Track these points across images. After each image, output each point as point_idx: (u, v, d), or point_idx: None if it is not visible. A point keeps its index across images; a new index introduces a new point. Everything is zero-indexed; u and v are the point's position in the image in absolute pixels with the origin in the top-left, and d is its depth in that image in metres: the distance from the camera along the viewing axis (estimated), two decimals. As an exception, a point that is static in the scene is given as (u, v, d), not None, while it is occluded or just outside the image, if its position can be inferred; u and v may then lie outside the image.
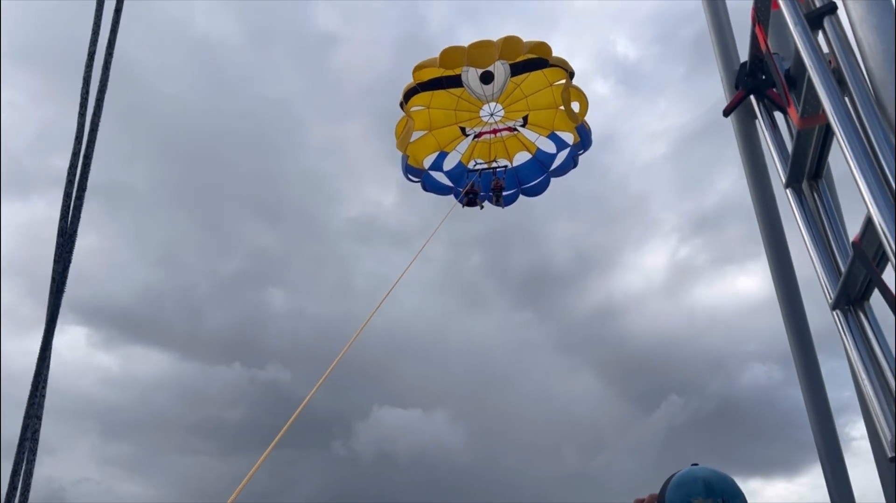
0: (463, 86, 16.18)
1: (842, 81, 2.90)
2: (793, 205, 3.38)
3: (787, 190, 3.41)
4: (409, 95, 16.03)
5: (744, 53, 3.57)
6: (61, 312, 3.11)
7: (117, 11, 3.73)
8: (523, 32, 15.12)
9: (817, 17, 2.78)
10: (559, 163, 17.28)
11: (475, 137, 17.26)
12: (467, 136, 17.22)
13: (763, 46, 3.29)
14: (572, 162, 17.26)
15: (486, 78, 16.31)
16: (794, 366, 4.16)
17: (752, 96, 3.54)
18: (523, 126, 17.21)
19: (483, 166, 17.52)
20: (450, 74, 15.81)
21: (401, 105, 16.20)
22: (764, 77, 3.42)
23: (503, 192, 17.33)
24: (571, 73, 15.65)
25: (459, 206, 16.75)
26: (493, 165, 17.49)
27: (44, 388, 2.94)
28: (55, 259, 3.27)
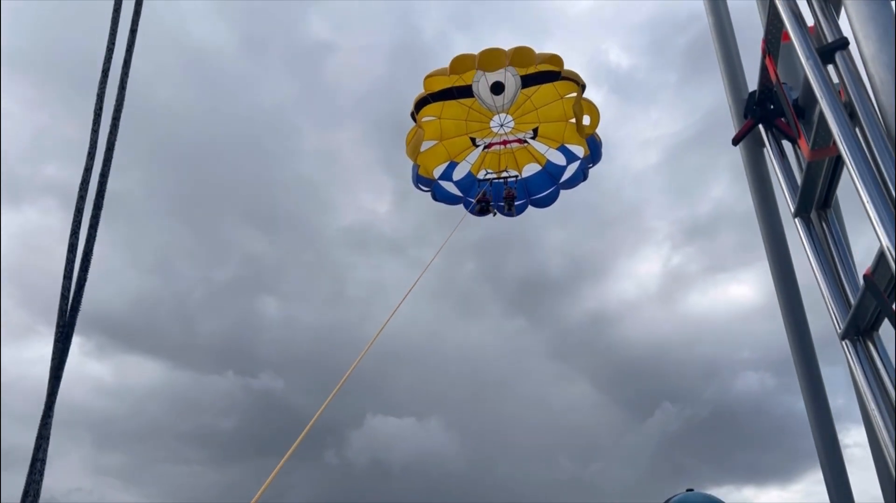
0: (474, 96, 16.23)
1: (853, 115, 2.91)
2: (801, 234, 3.39)
3: (796, 219, 3.41)
4: (420, 105, 16.08)
5: (752, 82, 3.58)
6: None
7: (132, 32, 3.77)
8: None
9: (829, 52, 2.78)
10: (569, 175, 17.26)
11: (485, 148, 17.29)
12: (477, 146, 17.25)
13: (773, 77, 3.29)
14: (582, 174, 17.24)
15: (497, 88, 16.35)
16: (797, 379, 4.17)
17: (761, 125, 3.54)
18: (533, 138, 17.22)
19: (493, 176, 17.56)
20: (461, 85, 15.86)
21: (412, 115, 16.24)
22: (773, 107, 3.43)
23: (515, 201, 17.40)
24: (583, 87, 15.65)
25: (470, 216, 16.78)
26: (504, 175, 17.53)
27: (53, 408, 2.97)
28: (65, 276, 3.26)
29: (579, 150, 16.88)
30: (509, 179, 17.53)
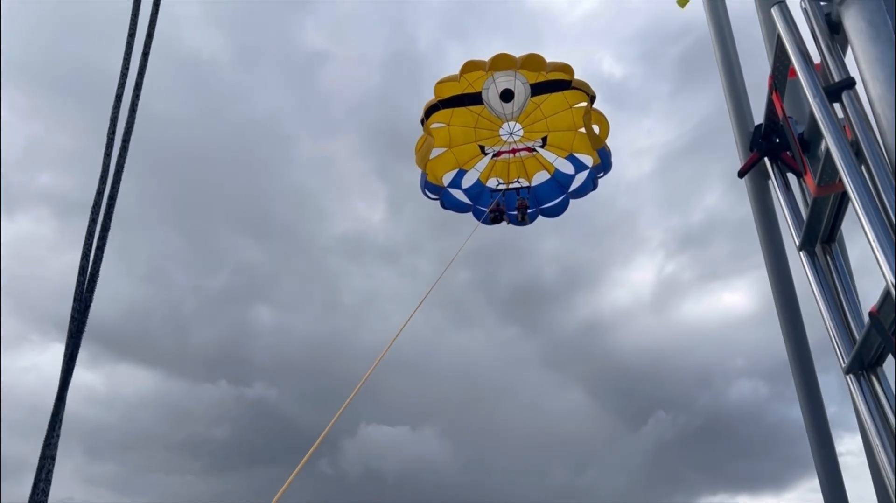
0: (483, 103, 16.24)
1: (858, 153, 2.92)
2: (806, 267, 3.39)
3: (801, 252, 3.41)
4: (429, 112, 16.11)
5: (757, 115, 3.59)
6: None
7: (144, 55, 3.81)
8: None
9: (836, 91, 2.79)
10: (578, 184, 17.24)
11: (494, 156, 17.30)
12: (486, 154, 17.26)
13: (780, 113, 3.30)
14: (592, 184, 17.22)
15: (507, 96, 16.36)
16: (795, 388, 4.16)
17: (766, 158, 3.55)
18: (542, 147, 17.22)
19: (504, 187, 17.59)
20: (471, 92, 15.88)
21: (421, 122, 16.28)
22: (778, 140, 3.44)
23: (528, 210, 17.46)
24: (593, 97, 15.63)
25: (482, 226, 16.83)
26: (515, 185, 17.56)
27: (58, 428, 3.00)
28: (75, 298, 3.31)
29: (588, 160, 16.87)
30: (521, 189, 17.56)
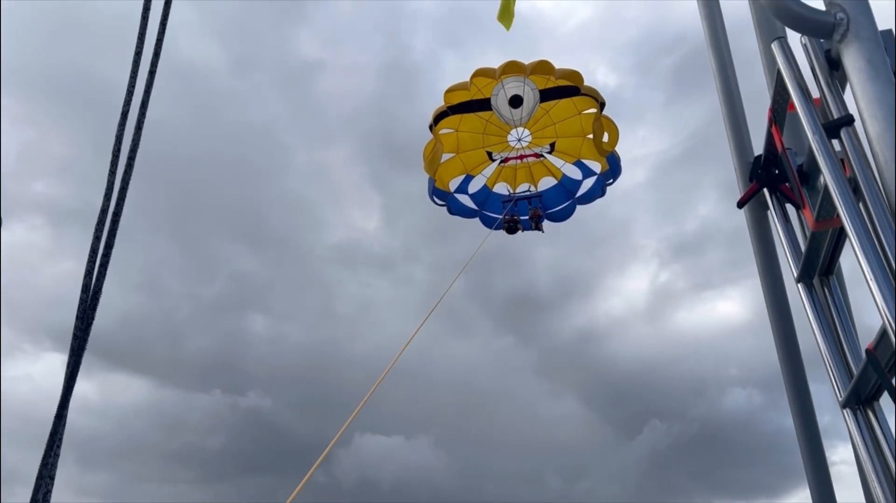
0: (492, 109, 16.25)
1: (856, 189, 2.92)
2: (804, 300, 3.39)
3: (799, 285, 3.41)
4: (439, 118, 16.14)
5: (757, 145, 3.59)
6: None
7: (151, 73, 3.83)
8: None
9: (835, 128, 2.79)
10: (585, 190, 17.24)
11: (502, 162, 17.31)
12: (494, 160, 17.26)
13: (779, 146, 3.30)
14: (600, 190, 17.21)
15: (516, 102, 16.36)
16: (787, 398, 4.16)
17: (766, 189, 3.55)
18: (550, 153, 17.21)
19: (514, 193, 17.64)
20: (479, 98, 15.89)
21: (430, 127, 16.31)
22: (777, 172, 3.44)
23: (542, 220, 17.54)
24: (602, 104, 15.61)
25: (492, 234, 16.88)
26: (526, 193, 17.60)
27: (59, 448, 3.03)
28: (77, 316, 3.34)
29: (596, 166, 16.86)
30: (533, 199, 17.61)
